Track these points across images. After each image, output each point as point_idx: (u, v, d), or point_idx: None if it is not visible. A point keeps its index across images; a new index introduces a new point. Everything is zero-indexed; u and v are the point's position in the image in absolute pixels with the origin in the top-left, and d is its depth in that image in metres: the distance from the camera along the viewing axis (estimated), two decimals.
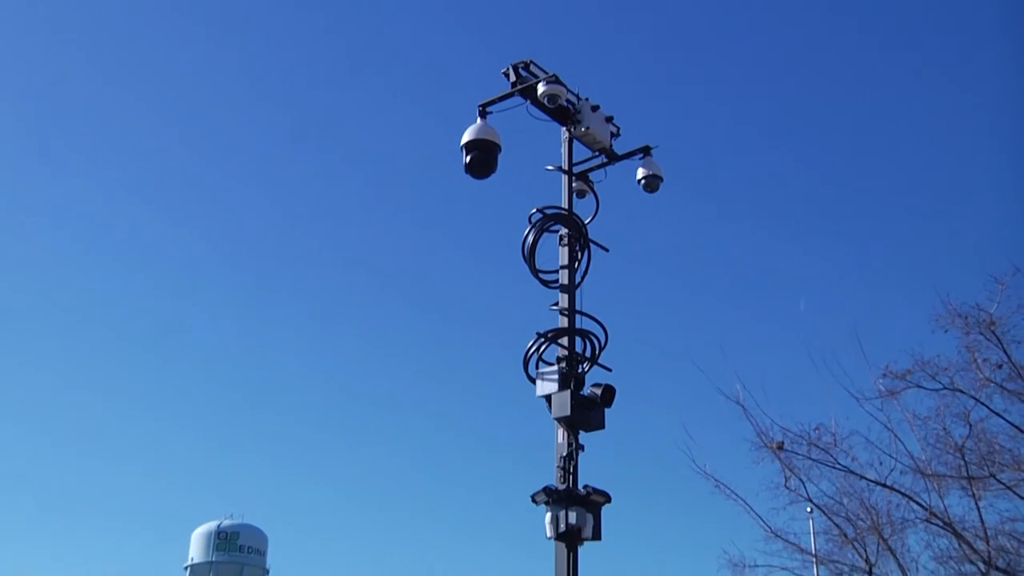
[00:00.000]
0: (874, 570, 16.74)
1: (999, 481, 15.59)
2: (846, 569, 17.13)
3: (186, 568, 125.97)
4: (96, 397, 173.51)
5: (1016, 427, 15.36)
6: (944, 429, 15.89)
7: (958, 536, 16.37)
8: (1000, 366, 14.99)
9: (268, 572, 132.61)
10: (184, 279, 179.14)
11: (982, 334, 14.99)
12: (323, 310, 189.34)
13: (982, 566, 16.21)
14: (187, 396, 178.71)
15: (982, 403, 15.29)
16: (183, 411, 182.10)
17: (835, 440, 16.38)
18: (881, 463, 16.24)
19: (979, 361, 15.08)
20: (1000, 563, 16.21)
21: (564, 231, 11.40)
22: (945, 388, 15.47)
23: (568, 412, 10.14)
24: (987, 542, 16.07)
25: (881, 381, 15.83)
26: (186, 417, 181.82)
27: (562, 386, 10.35)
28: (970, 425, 15.58)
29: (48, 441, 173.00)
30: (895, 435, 16.10)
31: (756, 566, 17.21)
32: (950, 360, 15.44)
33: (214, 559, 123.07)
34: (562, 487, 9.90)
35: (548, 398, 10.39)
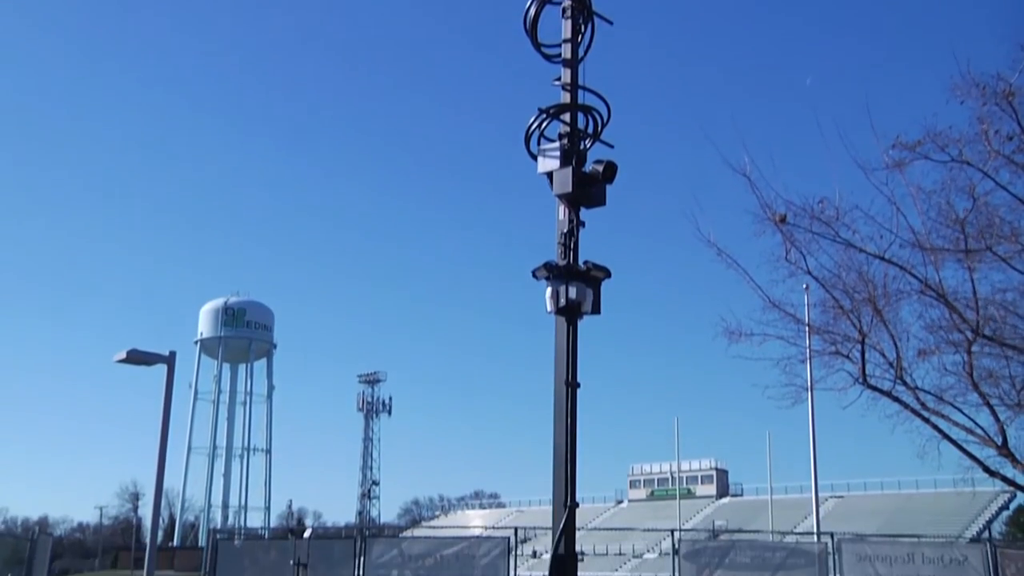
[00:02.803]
0: (866, 340, 17.21)
1: (995, 254, 15.71)
2: (839, 339, 17.56)
3: (196, 343, 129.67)
4: (102, 186, 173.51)
5: (1019, 199, 15.28)
6: (947, 202, 15.80)
7: (949, 306, 16.70)
8: (1011, 138, 14.66)
9: (275, 346, 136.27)
10: (196, 81, 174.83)
11: (998, 104, 14.53)
12: (321, 98, 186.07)
13: (970, 334, 16.64)
14: (191, 183, 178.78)
15: (988, 175, 15.10)
16: (187, 195, 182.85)
17: (838, 213, 16.33)
18: (881, 237, 16.27)
19: (990, 132, 14.75)
20: (987, 331, 16.64)
21: (567, 2, 10.96)
22: (953, 160, 15.20)
23: (569, 188, 10.09)
24: (977, 311, 16.41)
25: (890, 152, 15.53)
26: (189, 200, 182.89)
27: (564, 162, 10.25)
28: (974, 198, 15.47)
29: (58, 225, 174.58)
30: (898, 208, 16.04)
31: (752, 335, 17.62)
32: (962, 132, 15.07)
33: (223, 334, 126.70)
34: (562, 263, 10.00)
35: (550, 175, 10.33)
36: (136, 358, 18.09)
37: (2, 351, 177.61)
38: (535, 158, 10.46)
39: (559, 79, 10.71)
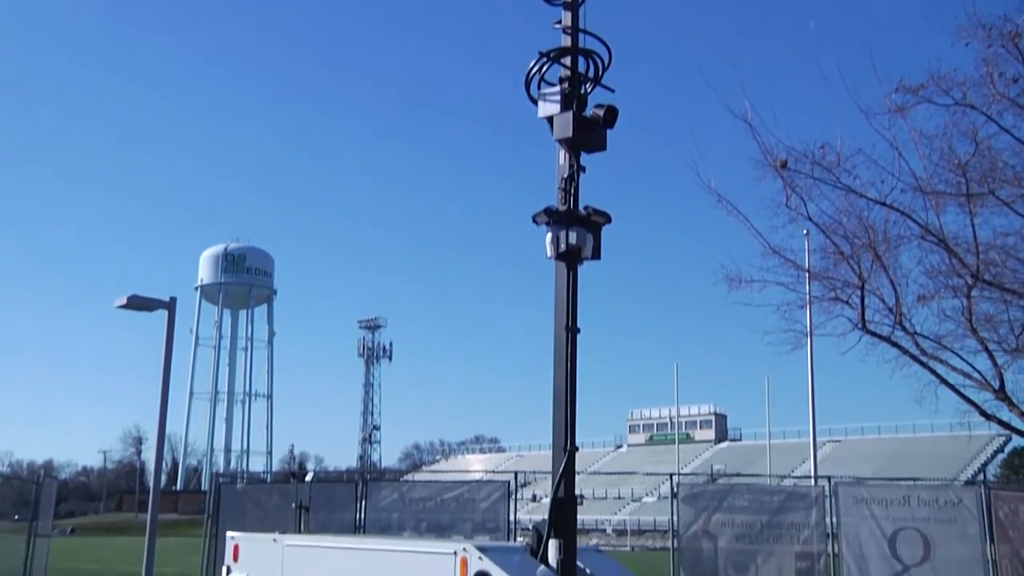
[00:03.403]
0: (866, 286, 17.20)
1: (997, 198, 15.64)
2: (839, 284, 17.54)
3: (196, 289, 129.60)
4: (104, 133, 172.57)
5: (1022, 142, 15.15)
6: (949, 147, 15.67)
7: (949, 251, 16.65)
8: (1016, 80, 14.50)
9: (276, 292, 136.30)
10: (196, 29, 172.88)
11: (1003, 47, 14.34)
12: (319, 43, 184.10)
13: (970, 279, 16.62)
14: (191, 129, 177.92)
15: (992, 119, 14.95)
16: (187, 141, 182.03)
17: (839, 159, 16.22)
18: (883, 182, 16.17)
19: (995, 75, 14.58)
20: (987, 276, 16.62)
21: None
22: (957, 104, 15.05)
23: (570, 133, 10.01)
24: (977, 256, 16.37)
25: (893, 96, 15.35)
26: (190, 146, 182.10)
27: (564, 107, 10.15)
28: (976, 142, 15.35)
29: (60, 172, 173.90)
30: (900, 153, 15.91)
31: (752, 281, 17.61)
32: (966, 75, 14.89)
33: (223, 280, 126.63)
34: (563, 208, 9.95)
35: (550, 119, 10.24)
36: (137, 304, 18.12)
37: (5, 297, 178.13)
38: (535, 102, 10.37)
39: (560, 22, 10.57)
